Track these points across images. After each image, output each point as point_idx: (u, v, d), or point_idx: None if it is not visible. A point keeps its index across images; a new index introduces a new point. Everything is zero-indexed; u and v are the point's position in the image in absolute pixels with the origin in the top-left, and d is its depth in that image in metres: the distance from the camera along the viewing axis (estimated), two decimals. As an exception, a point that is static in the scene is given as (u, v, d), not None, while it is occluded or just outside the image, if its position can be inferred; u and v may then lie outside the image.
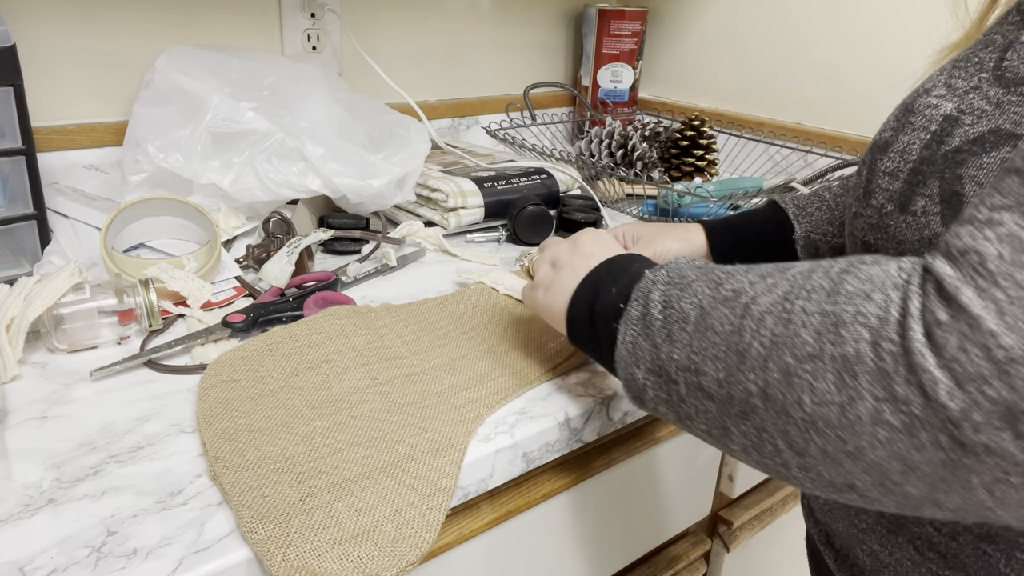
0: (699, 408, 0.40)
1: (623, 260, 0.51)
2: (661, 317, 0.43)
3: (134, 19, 0.91)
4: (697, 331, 0.40)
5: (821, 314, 0.33)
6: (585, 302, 0.50)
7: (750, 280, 0.39)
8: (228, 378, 0.56)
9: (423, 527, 0.44)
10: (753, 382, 0.36)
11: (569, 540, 0.66)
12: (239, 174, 0.78)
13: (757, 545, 0.93)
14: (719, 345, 0.38)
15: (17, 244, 0.70)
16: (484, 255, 0.85)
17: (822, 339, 0.33)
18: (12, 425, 0.51)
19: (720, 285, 0.41)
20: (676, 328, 0.42)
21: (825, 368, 0.33)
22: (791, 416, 0.34)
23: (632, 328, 0.45)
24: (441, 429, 0.52)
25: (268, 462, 0.47)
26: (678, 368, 0.41)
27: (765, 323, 0.36)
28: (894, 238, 0.41)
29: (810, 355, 0.33)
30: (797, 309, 0.35)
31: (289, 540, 0.41)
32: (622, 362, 0.46)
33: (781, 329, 0.35)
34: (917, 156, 0.40)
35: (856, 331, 0.32)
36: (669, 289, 0.44)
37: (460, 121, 1.26)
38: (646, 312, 0.44)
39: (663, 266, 0.46)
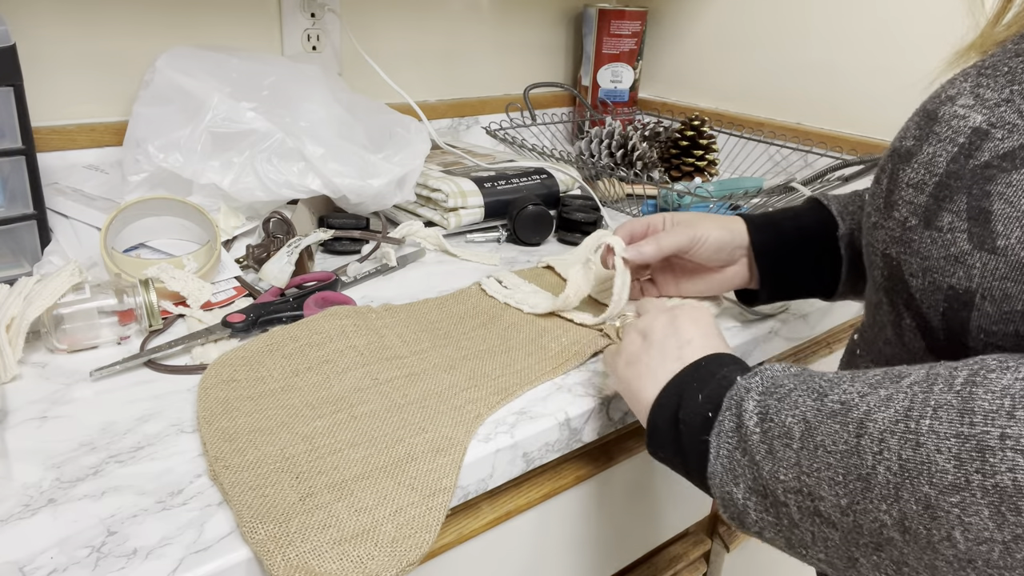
0: (817, 535, 0.37)
1: (713, 363, 0.47)
2: (759, 431, 0.40)
3: (134, 19, 0.91)
4: (805, 448, 0.37)
5: (958, 437, 0.31)
6: (669, 408, 0.46)
7: (859, 391, 0.36)
8: (228, 378, 0.56)
9: (423, 527, 0.44)
10: (886, 512, 0.33)
11: (569, 540, 0.66)
12: (239, 174, 0.78)
13: (757, 545, 0.93)
14: (835, 467, 0.35)
15: (17, 244, 0.70)
16: (484, 255, 0.85)
17: (966, 467, 0.30)
18: (12, 425, 0.51)
19: (824, 396, 0.38)
20: (779, 444, 0.39)
21: (976, 501, 0.30)
22: (940, 553, 0.32)
23: (727, 442, 0.41)
24: (441, 429, 0.52)
25: (268, 462, 0.47)
26: (786, 490, 0.38)
27: (889, 445, 0.33)
28: (918, 253, 0.39)
29: (954, 485, 0.30)
30: (925, 430, 0.32)
31: (289, 540, 0.41)
32: (716, 479, 0.42)
33: (910, 453, 0.32)
34: (944, 169, 0.38)
35: (1008, 458, 0.29)
36: (765, 399, 0.41)
37: (460, 121, 1.26)
38: (740, 424, 0.41)
39: (756, 371, 0.43)
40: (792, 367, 0.43)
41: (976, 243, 0.36)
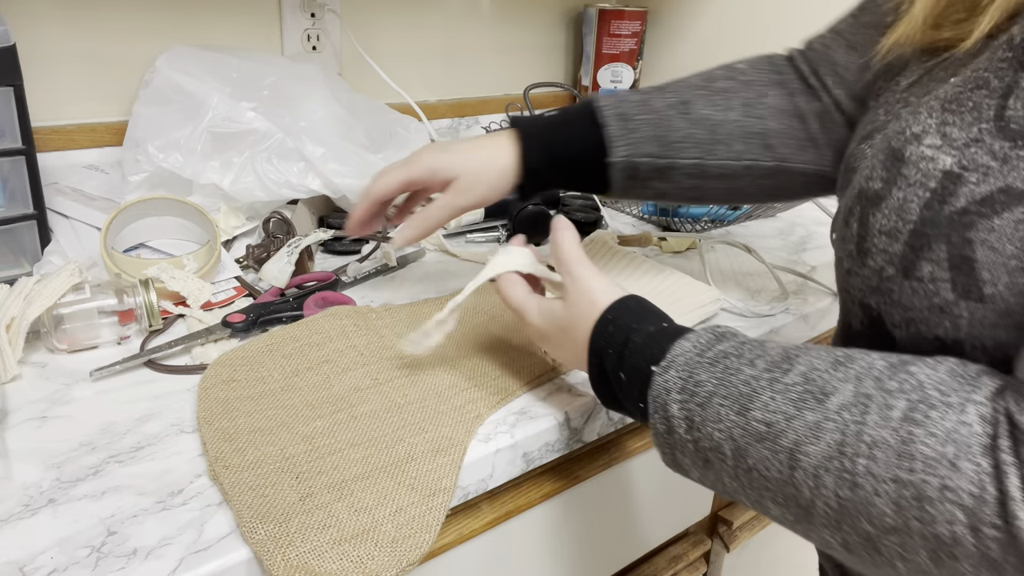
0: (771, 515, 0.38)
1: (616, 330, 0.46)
2: (690, 439, 0.40)
3: (134, 19, 0.91)
4: (740, 468, 0.37)
5: (896, 482, 0.30)
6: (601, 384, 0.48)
7: (784, 411, 0.35)
8: (228, 378, 0.55)
9: (423, 527, 0.44)
10: (831, 536, 0.33)
11: (569, 540, 0.66)
12: (239, 174, 0.78)
13: (757, 545, 0.93)
14: (774, 491, 0.35)
15: (17, 244, 0.70)
16: (484, 255, 0.85)
17: (905, 513, 0.30)
18: (12, 425, 0.51)
19: (746, 410, 0.37)
20: (713, 456, 0.39)
21: (915, 545, 0.30)
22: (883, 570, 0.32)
23: (666, 441, 0.42)
24: (441, 429, 0.52)
25: (268, 462, 0.47)
26: (735, 493, 0.39)
27: (824, 482, 0.32)
28: (899, 304, 0.38)
29: (893, 528, 0.30)
30: (861, 471, 0.31)
31: (289, 540, 0.41)
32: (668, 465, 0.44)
33: (847, 493, 0.32)
34: (917, 216, 0.36)
35: (947, 511, 0.28)
36: (688, 403, 0.40)
37: (460, 121, 1.26)
38: (671, 430, 0.41)
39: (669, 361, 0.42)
40: (700, 343, 0.42)
41: (961, 292, 0.34)
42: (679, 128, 0.59)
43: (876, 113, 0.46)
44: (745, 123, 0.60)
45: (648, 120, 0.60)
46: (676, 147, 0.60)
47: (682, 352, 0.42)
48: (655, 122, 0.60)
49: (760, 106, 0.60)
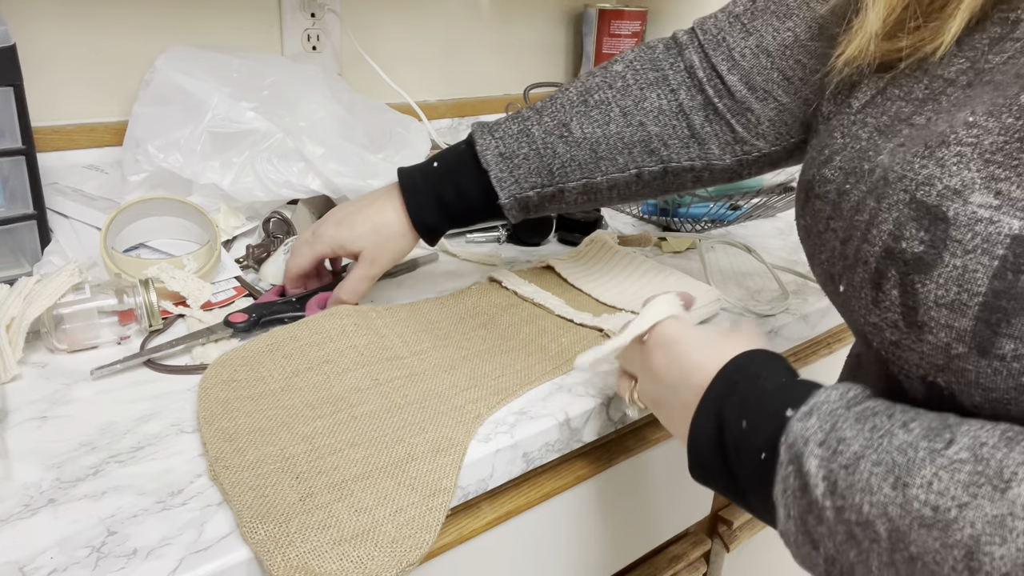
0: None
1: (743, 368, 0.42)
2: (831, 506, 0.35)
3: (134, 19, 0.91)
4: (897, 553, 0.32)
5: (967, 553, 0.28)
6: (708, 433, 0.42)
7: (952, 493, 0.31)
8: (229, 378, 0.55)
9: (423, 527, 0.44)
10: None
11: (569, 540, 0.66)
12: (239, 174, 0.78)
13: (757, 545, 0.93)
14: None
15: (17, 244, 0.70)
16: (484, 255, 0.85)
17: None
18: (12, 425, 0.51)
19: (905, 485, 0.32)
20: (861, 534, 0.34)
21: None
22: None
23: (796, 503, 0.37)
24: (441, 429, 0.52)
25: (268, 462, 0.47)
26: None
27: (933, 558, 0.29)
28: (978, 384, 0.34)
29: None
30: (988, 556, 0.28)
31: (289, 540, 0.41)
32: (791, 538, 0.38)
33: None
34: (987, 288, 0.32)
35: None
36: (830, 464, 0.35)
37: (460, 121, 1.26)
38: (806, 487, 0.36)
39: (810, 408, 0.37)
40: (847, 396, 0.37)
41: None
42: (561, 154, 0.61)
43: (831, 136, 0.44)
44: (624, 133, 0.60)
45: (529, 153, 0.61)
46: (560, 173, 0.61)
47: (826, 400, 0.38)
48: (537, 154, 0.61)
49: (639, 112, 0.60)
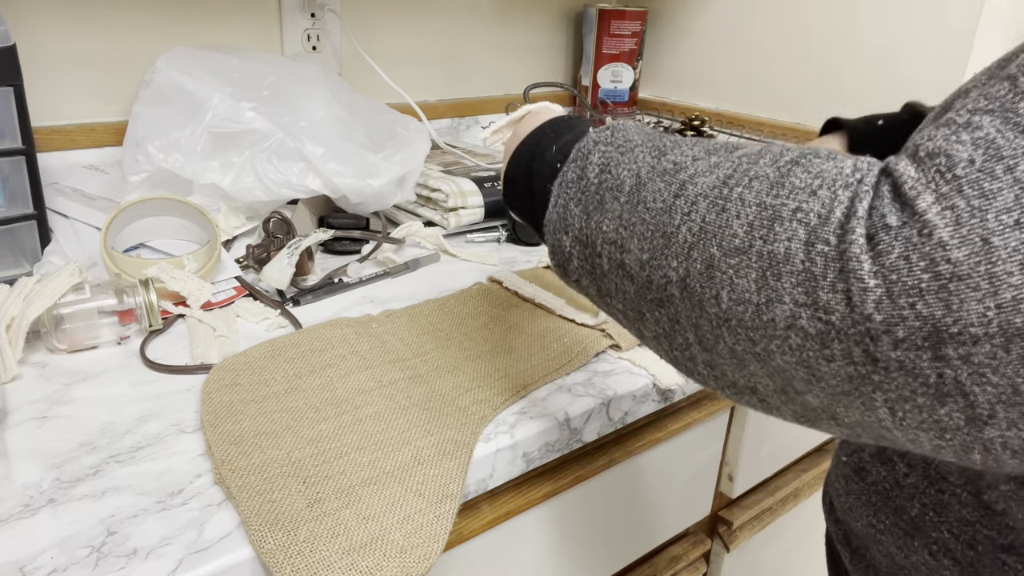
0: (619, 287, 0.38)
1: (572, 119, 0.47)
2: (596, 182, 0.40)
3: (134, 19, 0.91)
4: (629, 203, 0.37)
5: (759, 206, 0.31)
6: (524, 159, 0.47)
7: (694, 155, 0.36)
8: (231, 382, 0.55)
9: (431, 536, 0.44)
10: (674, 270, 0.34)
11: (569, 540, 0.66)
12: (239, 174, 0.78)
13: (757, 545, 0.93)
14: (648, 223, 0.36)
15: (17, 244, 0.70)
16: (484, 255, 0.85)
17: (753, 233, 0.31)
18: (12, 425, 0.51)
19: (663, 155, 0.38)
20: (609, 196, 0.39)
21: (750, 265, 0.30)
22: (705, 311, 0.33)
23: (566, 191, 0.41)
24: (447, 431, 0.52)
25: (274, 466, 0.47)
26: (604, 241, 0.39)
27: (698, 207, 0.34)
28: None
29: (737, 249, 0.31)
30: (735, 197, 0.32)
31: (298, 550, 0.41)
32: (551, 226, 0.43)
33: (713, 217, 0.33)
34: None
35: (791, 228, 0.29)
36: (610, 151, 0.40)
37: (460, 121, 1.26)
38: (583, 175, 0.41)
39: (610, 126, 0.43)
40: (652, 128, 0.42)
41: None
42: None
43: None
44: None
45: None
46: None
47: (624, 123, 0.43)
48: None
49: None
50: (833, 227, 0.28)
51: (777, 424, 0.86)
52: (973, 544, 0.40)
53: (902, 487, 0.44)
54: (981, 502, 0.39)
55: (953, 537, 0.41)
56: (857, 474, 0.48)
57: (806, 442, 0.95)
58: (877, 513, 0.46)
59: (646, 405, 0.62)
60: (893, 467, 0.45)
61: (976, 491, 0.39)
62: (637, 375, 0.62)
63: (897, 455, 0.45)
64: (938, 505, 0.41)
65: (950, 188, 0.26)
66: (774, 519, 0.93)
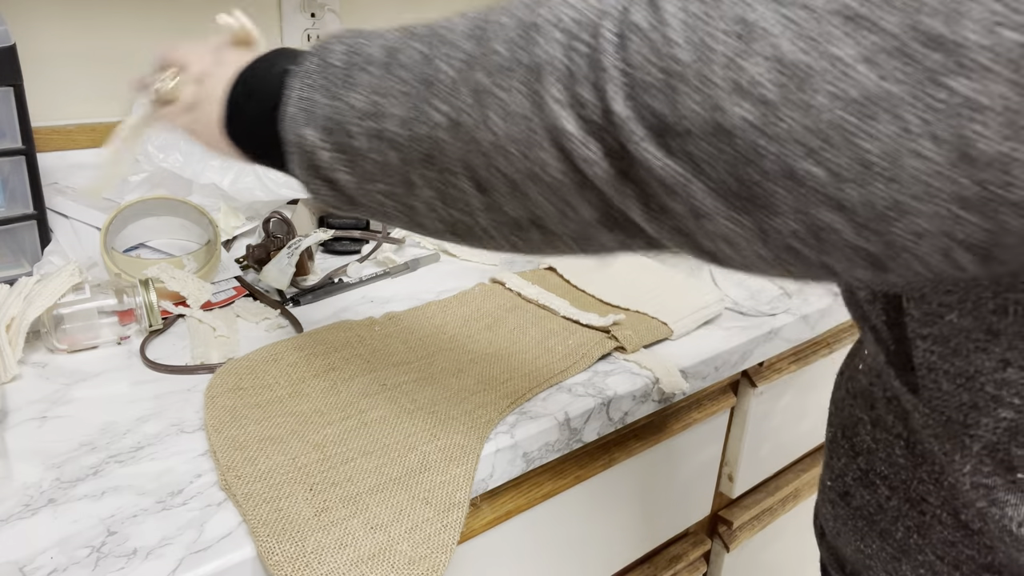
0: (380, 162, 0.37)
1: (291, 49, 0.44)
2: (341, 63, 0.38)
3: (134, 19, 0.91)
4: (384, 70, 0.36)
5: (519, 25, 0.32)
6: (243, 85, 0.43)
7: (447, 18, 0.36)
8: (235, 386, 0.55)
9: (439, 547, 0.44)
10: (442, 112, 0.34)
11: (569, 540, 0.66)
12: (239, 174, 0.78)
13: (757, 545, 0.93)
14: (407, 80, 0.35)
15: (17, 244, 0.70)
16: (484, 255, 0.85)
17: (515, 48, 0.31)
18: (12, 425, 0.51)
19: (415, 29, 0.37)
20: (357, 72, 0.37)
21: (517, 78, 0.31)
22: (479, 143, 0.33)
23: (306, 81, 0.39)
24: (453, 436, 0.52)
25: (280, 472, 0.47)
26: (357, 116, 0.37)
27: (459, 46, 0.34)
28: None
29: (502, 67, 0.31)
30: (494, 24, 0.33)
31: (306, 561, 0.41)
32: (290, 123, 0.39)
33: (474, 47, 0.33)
34: None
35: (551, 34, 0.30)
36: (355, 40, 0.39)
37: (460, 121, 1.26)
38: (324, 63, 0.39)
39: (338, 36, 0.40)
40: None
41: None
42: None
43: None
44: None
45: None
46: None
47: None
48: None
49: None
50: (588, 28, 0.29)
51: (777, 424, 0.86)
52: (958, 565, 0.40)
53: (885, 511, 0.44)
54: (960, 522, 0.39)
55: (939, 559, 0.41)
56: (842, 499, 0.48)
57: (806, 442, 0.95)
58: (864, 538, 0.46)
59: (646, 405, 0.62)
60: (875, 490, 0.44)
61: (954, 511, 0.39)
62: (637, 375, 0.62)
63: (879, 478, 0.44)
64: (921, 527, 0.41)
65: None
66: (774, 519, 0.93)
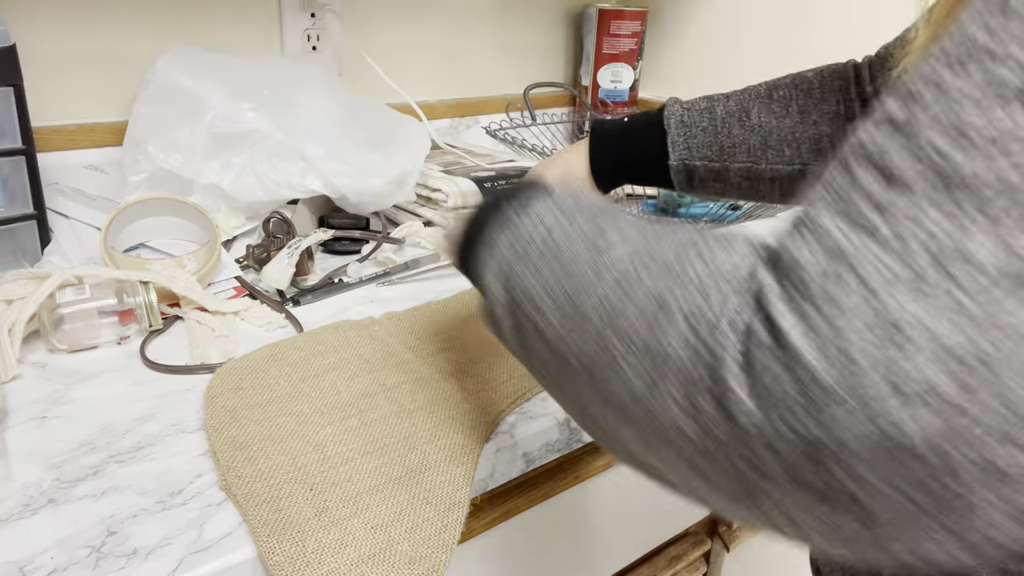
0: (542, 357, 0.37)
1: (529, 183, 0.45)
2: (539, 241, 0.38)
3: (134, 19, 0.91)
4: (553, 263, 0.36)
5: (654, 295, 0.30)
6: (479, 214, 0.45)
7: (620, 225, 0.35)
8: (235, 386, 0.55)
9: (440, 547, 0.44)
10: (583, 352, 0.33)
11: (569, 540, 0.66)
12: (239, 174, 0.78)
13: (757, 545, 0.93)
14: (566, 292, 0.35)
15: (17, 244, 0.70)
16: (484, 255, 0.84)
17: (643, 323, 0.30)
18: (12, 425, 0.51)
19: (599, 223, 0.36)
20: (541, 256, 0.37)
21: (637, 358, 0.29)
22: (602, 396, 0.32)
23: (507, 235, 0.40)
24: (454, 436, 0.52)
25: (280, 472, 0.47)
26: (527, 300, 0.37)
27: (604, 282, 0.33)
28: None
29: (629, 338, 0.30)
30: (634, 278, 0.31)
31: (306, 561, 0.41)
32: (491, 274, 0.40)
33: (613, 295, 0.32)
34: None
35: (676, 326, 0.28)
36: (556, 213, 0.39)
37: (460, 121, 1.26)
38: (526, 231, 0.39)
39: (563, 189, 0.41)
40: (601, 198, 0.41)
41: None
42: (735, 135, 0.66)
43: None
44: (798, 128, 0.65)
45: (707, 127, 0.67)
46: (730, 152, 0.66)
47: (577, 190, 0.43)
48: (714, 129, 0.66)
49: (815, 112, 0.64)
50: (715, 334, 0.27)
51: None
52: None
53: None
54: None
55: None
56: None
57: (806, 442, 0.95)
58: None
59: (646, 405, 0.62)
60: None
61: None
62: (637, 375, 0.62)
63: None
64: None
65: (809, 305, 0.25)
66: (774, 519, 0.93)
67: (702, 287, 0.29)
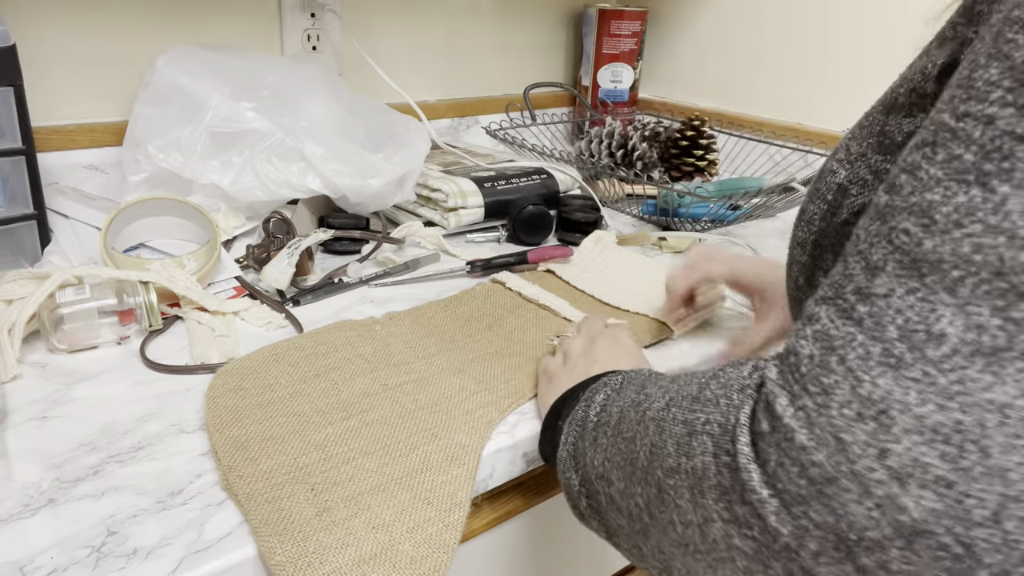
0: (615, 522, 0.38)
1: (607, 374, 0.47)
2: (595, 420, 0.41)
3: (134, 19, 0.91)
4: (613, 436, 0.38)
5: (684, 423, 0.31)
6: (555, 413, 0.48)
7: (664, 385, 0.37)
8: (236, 386, 0.55)
9: (441, 547, 0.44)
10: (641, 495, 0.34)
11: (569, 540, 0.66)
12: (239, 174, 0.78)
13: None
14: (623, 452, 0.36)
15: (17, 244, 0.70)
16: (484, 255, 0.84)
17: (680, 451, 0.31)
18: (12, 425, 0.51)
19: (643, 388, 0.38)
20: (600, 432, 0.40)
21: (682, 484, 0.30)
22: (669, 536, 0.32)
23: (573, 430, 0.43)
24: (455, 436, 0.52)
25: (281, 471, 0.47)
26: (596, 476, 0.39)
27: (648, 430, 0.34)
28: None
29: (672, 469, 0.31)
30: (670, 417, 0.33)
31: (308, 561, 0.41)
32: (561, 464, 0.44)
33: (657, 438, 0.33)
34: (817, 227, 0.38)
35: (703, 441, 0.30)
36: (612, 393, 0.42)
37: (460, 121, 1.26)
38: (586, 415, 0.43)
39: (627, 372, 0.44)
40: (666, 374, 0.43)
41: None
42: None
43: None
44: None
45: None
46: None
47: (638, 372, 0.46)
48: None
49: None
50: (728, 435, 0.28)
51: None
52: None
53: None
54: None
55: None
56: None
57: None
58: None
59: (646, 405, 0.62)
60: None
61: None
62: (637, 375, 0.62)
63: None
64: None
65: (799, 387, 0.26)
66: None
67: (716, 400, 0.30)
